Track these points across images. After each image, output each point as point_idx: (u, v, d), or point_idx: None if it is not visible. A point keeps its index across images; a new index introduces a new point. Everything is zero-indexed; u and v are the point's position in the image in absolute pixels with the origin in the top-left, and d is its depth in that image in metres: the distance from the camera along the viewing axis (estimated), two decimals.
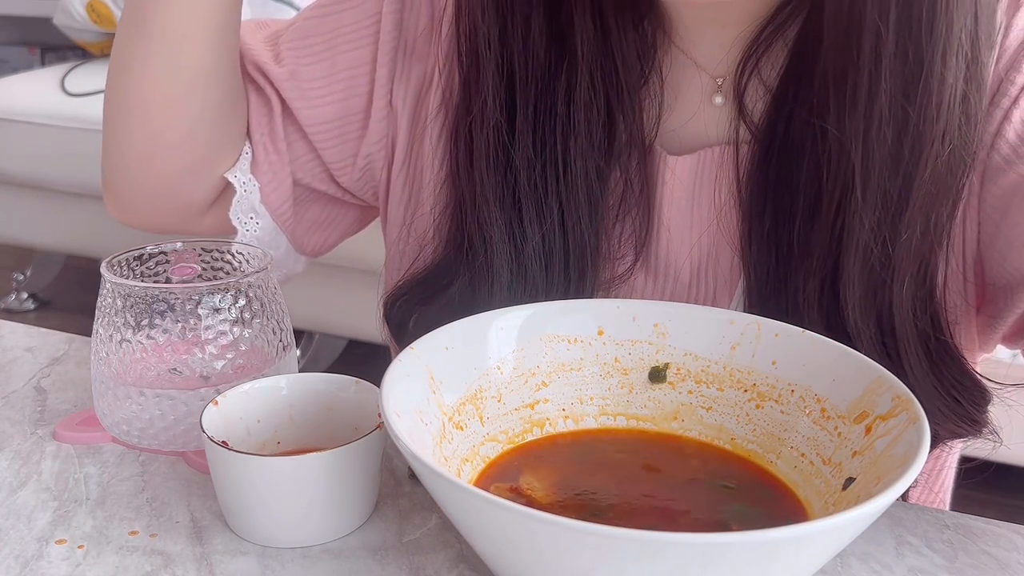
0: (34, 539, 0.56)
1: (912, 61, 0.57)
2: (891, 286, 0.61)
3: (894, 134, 0.58)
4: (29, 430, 0.67)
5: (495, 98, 0.67)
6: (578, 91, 0.66)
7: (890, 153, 0.58)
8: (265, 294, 0.65)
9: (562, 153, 0.66)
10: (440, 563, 0.55)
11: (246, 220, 0.76)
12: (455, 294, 0.69)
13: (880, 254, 0.60)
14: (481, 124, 0.68)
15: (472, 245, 0.69)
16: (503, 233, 0.67)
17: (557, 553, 0.42)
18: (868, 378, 0.55)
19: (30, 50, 3.19)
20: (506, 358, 0.60)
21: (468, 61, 0.69)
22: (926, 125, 0.57)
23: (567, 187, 0.67)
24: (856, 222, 0.60)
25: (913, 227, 0.60)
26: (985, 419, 0.64)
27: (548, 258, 0.68)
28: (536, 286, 0.68)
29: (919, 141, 0.58)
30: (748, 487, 0.56)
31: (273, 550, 0.55)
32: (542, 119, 0.67)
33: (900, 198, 0.59)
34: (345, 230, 0.85)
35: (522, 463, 0.58)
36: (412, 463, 0.46)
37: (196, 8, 0.68)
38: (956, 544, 0.58)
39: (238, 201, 0.75)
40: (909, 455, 0.47)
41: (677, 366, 0.61)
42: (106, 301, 0.63)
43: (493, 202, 0.68)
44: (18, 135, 2.16)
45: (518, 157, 0.67)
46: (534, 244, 0.67)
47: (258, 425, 0.60)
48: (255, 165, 0.76)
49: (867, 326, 0.61)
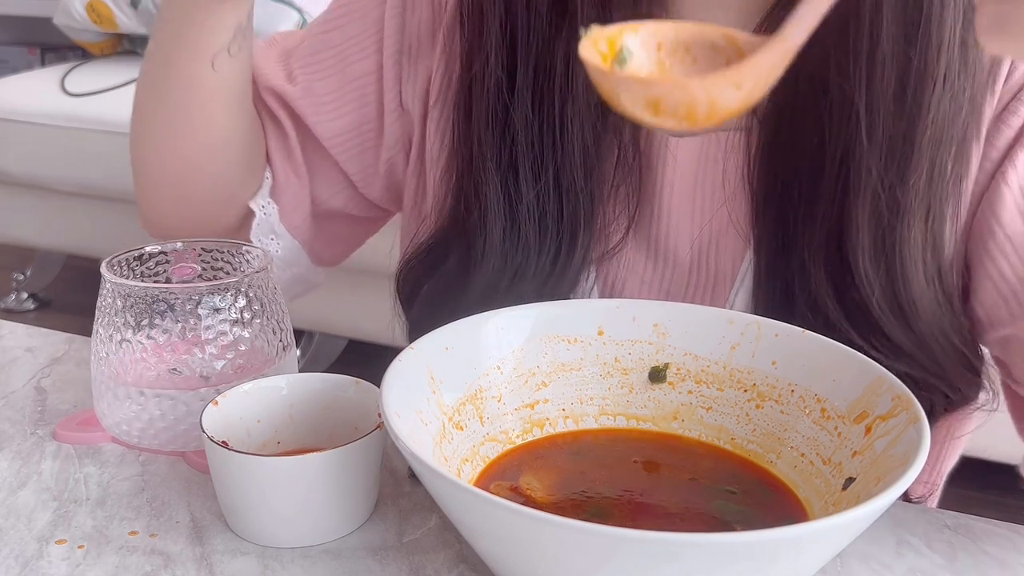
0: (34, 539, 0.56)
1: (912, 6, 0.59)
2: (900, 233, 0.62)
3: (897, 77, 0.59)
4: (29, 430, 0.67)
5: (497, 55, 0.68)
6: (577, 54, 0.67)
7: (894, 96, 0.60)
8: (265, 294, 0.65)
9: (559, 114, 0.67)
10: (440, 563, 0.55)
11: (267, 241, 0.79)
12: (452, 261, 0.70)
13: (888, 199, 0.61)
14: (482, 82, 0.68)
15: (468, 205, 0.70)
16: (497, 190, 0.68)
17: (557, 553, 0.42)
18: (868, 378, 0.55)
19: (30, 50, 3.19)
20: (506, 358, 0.60)
21: (471, 21, 0.70)
22: (927, 67, 0.59)
23: (563, 148, 0.67)
24: (863, 168, 0.61)
25: (919, 171, 0.61)
26: (985, 370, 0.66)
27: (542, 218, 0.68)
28: (528, 246, 0.68)
29: (921, 84, 0.59)
30: (748, 487, 0.56)
31: (273, 550, 0.55)
32: (541, 79, 0.67)
33: (905, 141, 0.61)
34: (361, 239, 0.88)
35: (522, 463, 0.58)
36: (412, 463, 0.46)
37: (214, 80, 0.70)
38: (956, 544, 0.58)
39: (258, 224, 0.78)
40: (909, 455, 0.47)
41: (677, 366, 0.61)
42: (106, 301, 0.63)
43: (490, 158, 0.69)
44: (18, 135, 2.16)
45: (516, 116, 0.67)
46: (528, 202, 0.68)
47: (258, 425, 0.60)
48: (274, 188, 0.78)
49: (877, 274, 0.62)
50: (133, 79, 2.17)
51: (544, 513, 0.41)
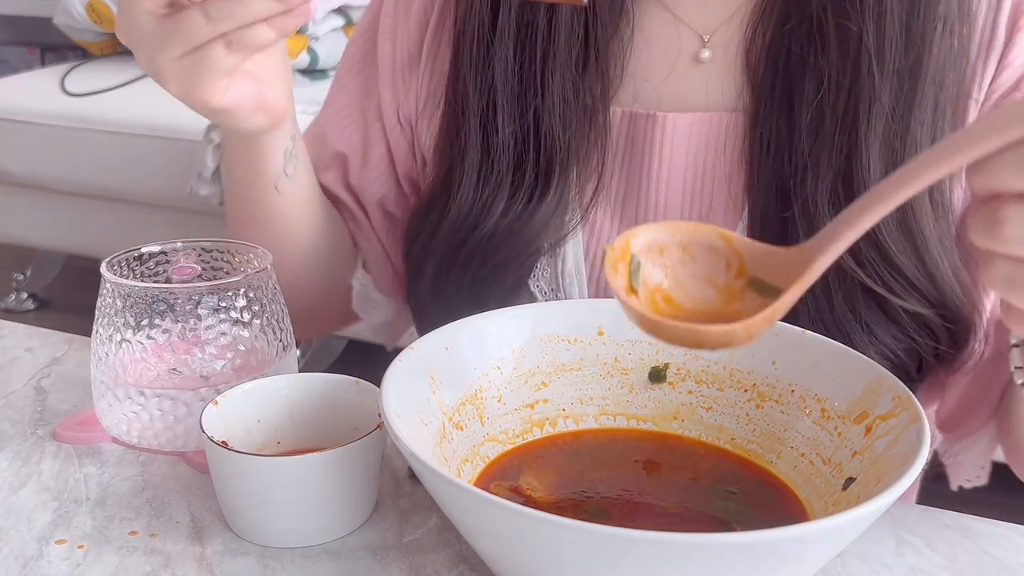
0: (34, 539, 0.56)
1: None
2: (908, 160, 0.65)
3: (902, 17, 0.64)
4: (29, 430, 0.67)
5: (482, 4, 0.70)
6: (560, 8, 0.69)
7: (900, 33, 0.64)
8: (265, 294, 0.65)
9: (540, 63, 0.69)
10: (440, 563, 0.55)
11: (367, 310, 0.85)
12: (435, 188, 0.73)
13: (899, 128, 0.65)
14: (467, 20, 0.71)
15: (448, 139, 0.73)
16: (476, 127, 0.71)
17: (557, 553, 0.42)
18: (868, 378, 0.55)
19: (30, 50, 3.19)
20: (506, 358, 0.60)
21: None
22: (929, 8, 0.64)
23: (543, 94, 0.69)
24: (875, 99, 0.64)
25: (924, 105, 0.65)
26: (982, 305, 0.68)
27: (517, 157, 0.70)
28: (501, 182, 0.70)
29: (924, 24, 0.64)
30: (748, 487, 0.56)
31: (273, 550, 0.55)
32: (522, 27, 0.69)
33: (911, 76, 0.65)
34: None
35: (522, 463, 0.58)
36: (412, 463, 0.46)
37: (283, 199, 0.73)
38: (956, 544, 0.58)
39: (357, 296, 0.84)
40: (909, 455, 0.47)
41: (677, 366, 0.61)
42: (106, 301, 0.63)
43: (472, 94, 0.71)
44: (18, 135, 2.16)
45: (497, 58, 0.70)
46: (504, 138, 0.70)
47: (258, 425, 0.60)
48: (366, 262, 0.84)
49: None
50: (133, 79, 2.17)
51: (544, 513, 0.41)
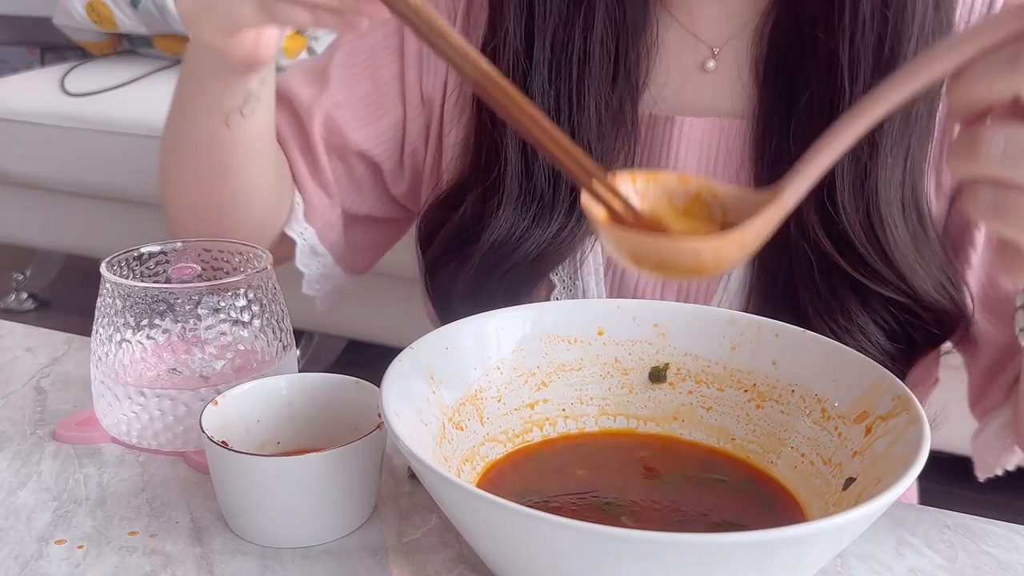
0: (34, 539, 0.56)
1: None
2: (877, 175, 0.68)
3: (876, 35, 0.66)
4: (29, 430, 0.67)
5: (515, 28, 0.72)
6: (595, 29, 0.72)
7: (874, 51, 0.67)
8: (265, 294, 0.65)
9: (577, 83, 0.72)
10: (440, 563, 0.55)
11: (310, 263, 0.83)
12: (467, 207, 0.75)
13: (867, 143, 0.67)
14: (502, 51, 0.73)
15: (488, 161, 0.74)
16: (517, 151, 0.73)
17: (557, 553, 0.42)
18: (868, 378, 0.55)
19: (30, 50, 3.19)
20: (506, 358, 0.60)
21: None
22: (903, 27, 0.66)
23: (579, 114, 0.72)
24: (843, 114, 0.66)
25: (894, 119, 0.67)
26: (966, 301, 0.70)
27: (556, 178, 0.73)
28: (543, 203, 0.72)
29: (897, 42, 0.66)
30: (747, 487, 0.56)
31: (273, 550, 0.55)
32: (557, 53, 0.72)
33: None
34: (385, 245, 0.91)
35: (522, 463, 0.58)
36: (412, 463, 0.46)
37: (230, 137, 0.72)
38: (956, 544, 0.58)
39: (300, 250, 0.81)
40: (909, 455, 0.47)
41: (677, 366, 0.61)
42: (106, 301, 0.63)
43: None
44: (18, 135, 2.16)
45: (534, 84, 0.72)
46: (544, 163, 0.72)
47: (258, 425, 0.60)
48: (310, 213, 0.81)
49: (856, 213, 0.68)
50: (133, 79, 2.17)
51: (544, 513, 0.41)
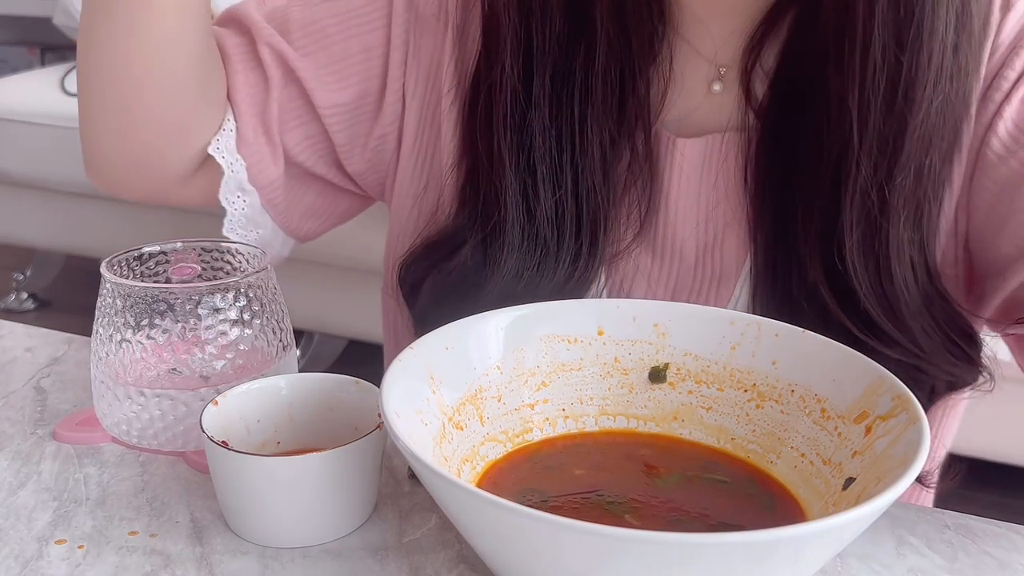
0: (34, 539, 0.56)
1: (904, 12, 0.60)
2: (888, 230, 0.63)
3: (888, 80, 0.61)
4: (29, 430, 0.67)
5: (513, 65, 0.68)
6: (597, 62, 0.68)
7: (885, 98, 0.61)
8: (265, 294, 0.65)
9: (579, 120, 0.68)
10: (440, 563, 0.55)
11: (233, 199, 0.76)
12: (467, 255, 0.71)
13: (877, 198, 0.63)
14: (499, 89, 0.69)
15: (487, 207, 0.70)
16: (517, 196, 0.69)
17: (557, 553, 0.42)
18: (868, 378, 0.55)
19: (30, 50, 3.19)
20: (506, 358, 0.60)
21: (488, 29, 0.70)
22: (918, 72, 0.61)
23: (582, 154, 0.68)
24: (854, 166, 0.63)
25: (907, 172, 0.63)
26: (980, 358, 0.67)
27: (560, 223, 0.69)
28: (547, 251, 0.69)
29: (912, 87, 0.61)
30: (747, 487, 0.56)
31: (273, 550, 0.55)
32: (558, 88, 0.68)
33: (895, 142, 0.62)
34: (340, 217, 0.85)
35: (522, 463, 0.58)
36: (412, 463, 0.46)
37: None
38: (956, 544, 0.58)
39: (226, 182, 0.75)
40: (909, 455, 0.47)
41: (677, 366, 0.61)
42: (106, 301, 0.63)
43: (509, 165, 0.69)
44: (18, 135, 2.16)
45: (535, 122, 0.68)
46: (546, 208, 0.69)
47: (258, 425, 0.60)
48: (241, 144, 0.75)
49: (865, 269, 0.64)
50: None
51: (544, 513, 0.41)
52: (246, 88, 0.75)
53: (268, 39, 0.75)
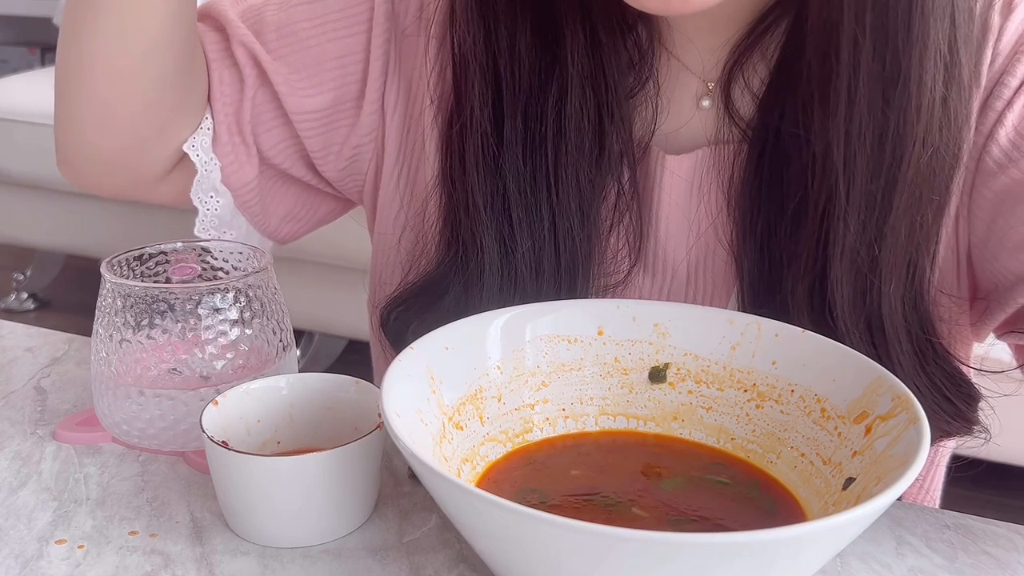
0: (34, 539, 0.56)
1: (890, 66, 0.57)
2: (879, 288, 0.61)
3: (874, 137, 0.59)
4: (29, 430, 0.67)
5: (482, 107, 0.67)
6: (570, 102, 0.66)
7: (871, 156, 0.59)
8: (265, 294, 0.65)
9: (553, 163, 0.66)
10: (440, 563, 0.55)
11: (206, 199, 0.74)
12: (450, 302, 0.69)
13: (867, 257, 0.60)
14: (469, 131, 0.67)
15: (465, 251, 0.68)
16: (493, 239, 0.67)
17: (557, 553, 0.42)
18: (868, 378, 0.55)
19: (30, 50, 3.20)
20: (506, 358, 0.60)
21: (457, 70, 0.69)
22: (906, 128, 0.58)
23: (558, 196, 0.66)
24: (841, 225, 0.60)
25: (898, 229, 0.60)
26: (975, 417, 0.64)
27: (538, 264, 0.67)
28: (526, 291, 0.67)
29: (900, 144, 0.59)
30: (747, 487, 0.56)
31: (273, 550, 0.55)
32: (531, 128, 0.66)
33: (883, 200, 0.60)
34: (320, 220, 0.84)
35: (522, 463, 0.58)
36: (412, 463, 0.46)
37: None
38: (956, 544, 0.58)
39: (199, 181, 0.73)
40: (909, 455, 0.47)
41: (677, 366, 0.61)
42: (106, 301, 0.63)
43: (483, 208, 0.67)
44: (18, 135, 2.16)
45: (507, 166, 0.66)
46: (524, 251, 0.67)
47: (258, 425, 0.60)
48: (216, 143, 0.73)
49: (856, 327, 0.62)
50: None
51: (544, 513, 0.41)
52: (221, 87, 0.74)
53: (242, 38, 0.73)
